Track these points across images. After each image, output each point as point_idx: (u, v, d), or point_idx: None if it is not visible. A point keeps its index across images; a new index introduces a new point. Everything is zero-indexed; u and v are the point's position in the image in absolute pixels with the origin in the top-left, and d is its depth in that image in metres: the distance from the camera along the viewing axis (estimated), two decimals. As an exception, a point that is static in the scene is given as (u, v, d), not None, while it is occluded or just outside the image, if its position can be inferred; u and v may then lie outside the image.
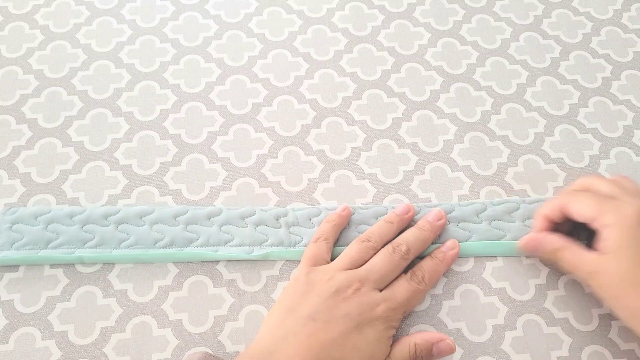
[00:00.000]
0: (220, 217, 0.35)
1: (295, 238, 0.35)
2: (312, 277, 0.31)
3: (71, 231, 0.34)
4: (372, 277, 0.31)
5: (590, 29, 0.46)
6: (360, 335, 0.28)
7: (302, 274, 0.31)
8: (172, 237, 0.34)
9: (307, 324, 0.28)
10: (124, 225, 0.35)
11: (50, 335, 0.33)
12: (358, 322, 0.28)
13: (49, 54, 0.43)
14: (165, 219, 0.35)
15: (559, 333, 0.33)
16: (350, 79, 0.43)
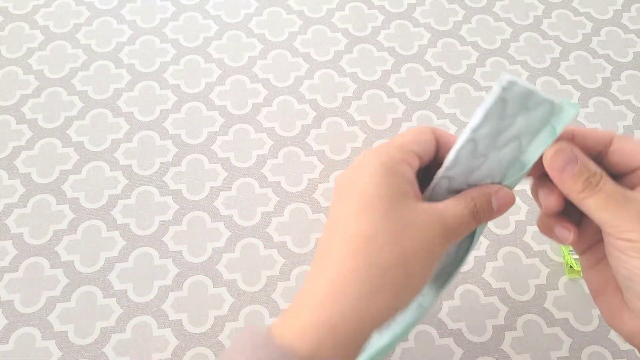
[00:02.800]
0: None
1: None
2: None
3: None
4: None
5: (590, 29, 0.46)
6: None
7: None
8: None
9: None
10: None
11: (50, 335, 0.32)
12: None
13: (49, 55, 0.43)
14: None
15: (559, 333, 0.33)
16: (350, 79, 0.43)
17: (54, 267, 0.35)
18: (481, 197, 0.23)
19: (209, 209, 0.37)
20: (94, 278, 0.34)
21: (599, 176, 0.21)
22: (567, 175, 0.22)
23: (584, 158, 0.22)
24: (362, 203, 0.21)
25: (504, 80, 0.20)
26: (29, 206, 0.37)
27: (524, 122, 0.22)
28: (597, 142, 0.23)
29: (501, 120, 0.21)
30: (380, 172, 0.21)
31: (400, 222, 0.21)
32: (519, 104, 0.21)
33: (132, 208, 0.37)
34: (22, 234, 0.36)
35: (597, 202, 0.21)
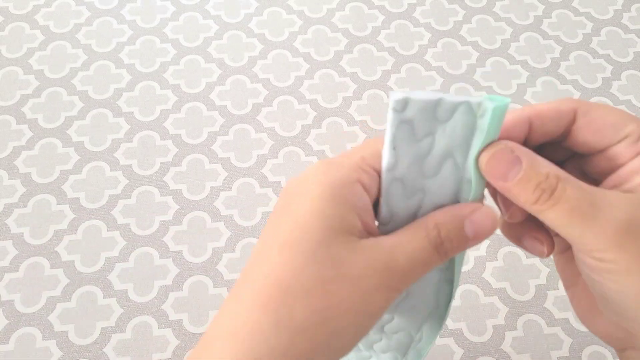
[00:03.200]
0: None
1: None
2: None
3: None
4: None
5: (590, 29, 0.46)
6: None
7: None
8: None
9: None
10: None
11: (50, 335, 0.32)
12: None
13: (50, 54, 0.43)
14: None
15: (559, 333, 0.33)
16: (351, 79, 0.43)
17: (55, 267, 0.35)
18: (449, 222, 0.17)
19: (209, 209, 0.37)
20: (94, 278, 0.34)
21: (553, 180, 0.16)
22: (512, 184, 0.17)
23: (530, 157, 0.17)
24: (290, 235, 0.17)
25: (392, 101, 0.17)
26: (29, 206, 0.37)
27: (445, 136, 0.17)
28: (558, 123, 0.18)
29: (416, 145, 0.17)
30: (322, 197, 0.17)
31: (330, 265, 0.16)
32: (427, 120, 0.17)
33: (133, 208, 0.37)
34: (23, 234, 0.36)
35: (557, 216, 0.16)
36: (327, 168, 0.18)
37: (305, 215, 0.17)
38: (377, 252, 0.17)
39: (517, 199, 0.17)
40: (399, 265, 0.17)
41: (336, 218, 0.16)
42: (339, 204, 0.17)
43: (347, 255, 0.16)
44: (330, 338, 0.16)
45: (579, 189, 0.16)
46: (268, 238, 0.17)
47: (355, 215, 0.17)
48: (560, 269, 0.21)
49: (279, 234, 0.17)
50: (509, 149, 0.17)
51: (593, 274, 0.17)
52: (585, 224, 0.16)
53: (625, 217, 0.16)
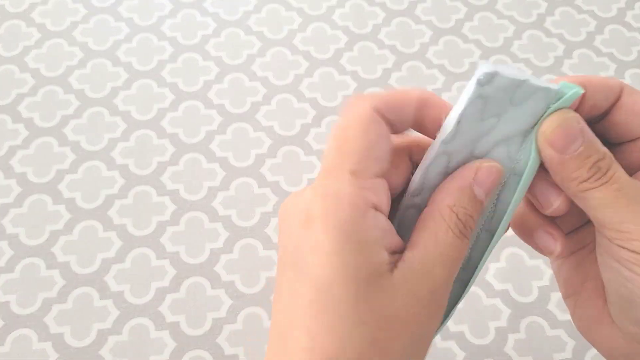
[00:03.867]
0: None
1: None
2: None
3: None
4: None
5: (594, 27, 0.46)
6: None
7: None
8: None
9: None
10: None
11: (46, 337, 0.32)
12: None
13: (46, 52, 0.43)
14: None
15: (563, 335, 0.33)
16: (351, 77, 0.43)
17: (50, 268, 0.34)
18: (460, 198, 0.16)
19: (207, 209, 0.37)
20: (90, 279, 0.34)
21: (609, 160, 0.16)
22: (570, 157, 0.15)
23: (592, 135, 0.16)
24: (318, 301, 0.15)
25: (480, 73, 0.16)
26: (25, 206, 0.37)
27: (510, 121, 0.16)
28: (607, 96, 0.16)
29: (480, 123, 0.16)
30: (337, 251, 0.15)
31: (375, 324, 0.14)
32: (503, 100, 0.16)
33: (129, 208, 0.37)
34: (18, 235, 0.36)
35: (604, 196, 0.15)
36: (326, 207, 0.15)
37: (326, 275, 0.15)
38: (413, 280, 0.15)
39: (568, 173, 0.16)
40: (438, 278, 0.15)
41: (362, 268, 0.15)
42: (358, 252, 0.15)
43: (387, 300, 0.15)
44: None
45: (626, 174, 0.16)
46: (289, 307, 0.15)
47: (379, 249, 0.15)
48: (563, 275, 0.19)
49: (303, 302, 0.15)
50: (576, 120, 0.16)
51: (623, 268, 0.15)
52: (630, 209, 0.15)
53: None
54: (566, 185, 0.16)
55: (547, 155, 0.16)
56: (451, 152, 0.17)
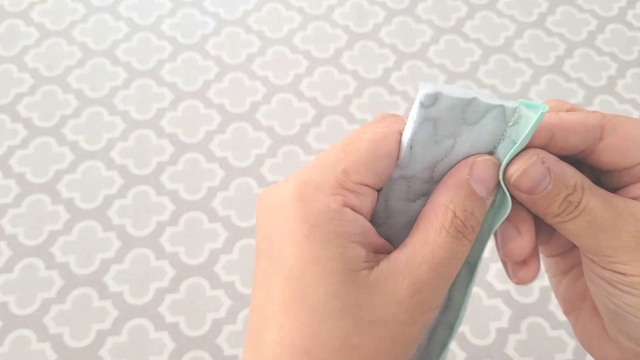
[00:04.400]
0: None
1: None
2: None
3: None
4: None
5: (595, 27, 0.46)
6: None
7: None
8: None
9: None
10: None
11: (45, 337, 0.32)
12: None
13: (45, 52, 0.43)
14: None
15: (563, 336, 0.33)
16: (351, 76, 0.43)
17: (49, 268, 0.34)
18: (457, 194, 0.15)
19: (206, 210, 0.37)
20: (89, 280, 0.34)
21: (579, 192, 0.15)
22: (539, 197, 0.15)
23: (558, 168, 0.15)
24: (290, 292, 0.14)
25: (422, 95, 0.15)
26: (24, 206, 0.36)
27: (467, 141, 0.16)
28: (583, 138, 0.16)
29: (434, 146, 0.15)
30: (310, 240, 0.14)
31: (347, 316, 0.14)
32: (454, 120, 0.15)
33: (128, 208, 0.37)
34: (17, 235, 0.35)
35: (578, 228, 0.15)
36: (303, 195, 0.14)
37: (298, 265, 0.14)
38: (394, 279, 0.14)
39: (541, 211, 0.16)
40: (425, 280, 0.14)
41: (335, 260, 0.14)
42: (331, 243, 0.14)
43: (362, 297, 0.14)
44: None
45: (601, 199, 0.16)
46: (262, 298, 0.15)
47: (355, 244, 0.14)
48: (562, 292, 0.19)
49: (274, 292, 0.14)
50: (540, 160, 0.15)
51: (611, 289, 0.16)
52: (605, 235, 0.15)
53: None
54: (541, 217, 0.16)
55: (517, 196, 0.16)
56: (409, 176, 0.16)
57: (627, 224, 0.15)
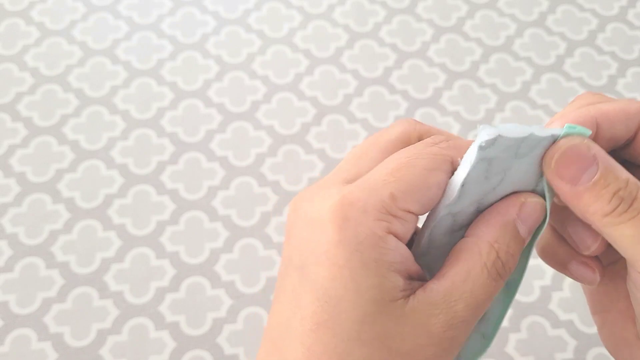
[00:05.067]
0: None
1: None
2: None
3: None
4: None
5: (595, 26, 0.46)
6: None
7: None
8: None
9: None
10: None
11: (46, 337, 0.32)
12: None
13: (45, 51, 0.43)
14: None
15: (564, 335, 0.33)
16: (352, 75, 0.43)
17: (50, 267, 0.34)
18: (503, 235, 0.14)
19: (206, 209, 0.37)
20: (90, 279, 0.34)
21: (634, 188, 0.13)
22: (584, 188, 0.14)
23: (608, 161, 0.14)
24: (321, 314, 0.14)
25: (482, 140, 0.14)
26: (24, 205, 0.36)
27: (516, 173, 0.15)
28: (627, 126, 0.14)
29: (485, 181, 0.15)
30: (350, 266, 0.14)
31: (378, 346, 0.13)
32: (507, 157, 0.15)
33: (129, 207, 0.37)
34: (17, 234, 0.36)
35: (634, 233, 0.13)
36: (347, 217, 0.14)
37: (335, 289, 0.14)
38: (429, 311, 0.14)
39: (586, 207, 0.14)
40: (459, 316, 0.14)
41: (374, 289, 0.14)
42: (372, 271, 0.14)
43: (395, 328, 0.14)
44: None
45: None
46: (289, 312, 0.14)
47: (394, 273, 0.14)
48: (591, 291, 0.18)
49: (305, 311, 0.14)
50: (586, 145, 0.14)
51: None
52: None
53: None
54: (589, 220, 0.14)
55: (558, 188, 0.14)
56: (456, 212, 0.16)
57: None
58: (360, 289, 0.13)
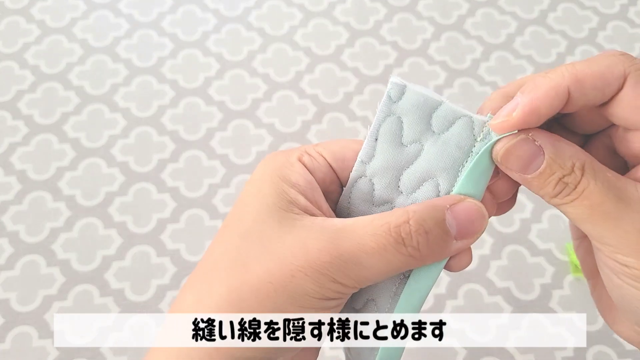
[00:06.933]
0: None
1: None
2: None
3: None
4: None
5: (596, 24, 0.46)
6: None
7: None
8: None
9: None
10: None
11: (47, 334, 0.32)
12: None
13: (46, 49, 0.43)
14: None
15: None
16: (352, 73, 0.42)
17: (51, 265, 0.34)
18: (423, 210, 0.15)
19: (207, 207, 0.37)
20: (90, 277, 0.34)
21: (578, 173, 0.14)
22: (532, 177, 0.15)
23: (553, 147, 0.15)
24: (230, 218, 0.16)
25: (389, 84, 0.15)
26: (25, 203, 0.36)
27: (434, 151, 0.15)
28: (603, 92, 0.15)
29: (400, 148, 0.16)
30: (261, 179, 0.16)
31: (257, 242, 0.15)
32: (419, 122, 0.15)
33: (129, 205, 0.37)
34: (18, 232, 0.36)
35: (577, 212, 0.14)
36: (273, 155, 0.17)
37: (244, 198, 0.16)
38: (315, 232, 0.15)
39: (536, 190, 0.15)
40: (340, 251, 0.14)
41: (272, 195, 0.16)
42: (275, 182, 0.16)
43: (278, 232, 0.15)
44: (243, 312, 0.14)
45: (604, 182, 0.14)
46: (219, 229, 0.17)
47: (298, 193, 0.16)
48: (581, 256, 0.18)
49: (225, 221, 0.17)
50: (530, 139, 0.15)
51: (613, 276, 0.15)
52: (607, 224, 0.14)
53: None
54: (542, 198, 0.16)
55: (511, 175, 0.15)
56: (373, 174, 0.16)
57: (632, 213, 0.14)
58: (262, 195, 0.16)
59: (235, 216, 0.16)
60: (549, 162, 0.15)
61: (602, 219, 0.14)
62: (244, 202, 0.16)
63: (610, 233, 0.14)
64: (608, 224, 0.14)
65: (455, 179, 0.16)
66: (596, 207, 0.14)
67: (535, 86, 0.15)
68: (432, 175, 0.16)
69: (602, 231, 0.14)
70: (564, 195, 0.15)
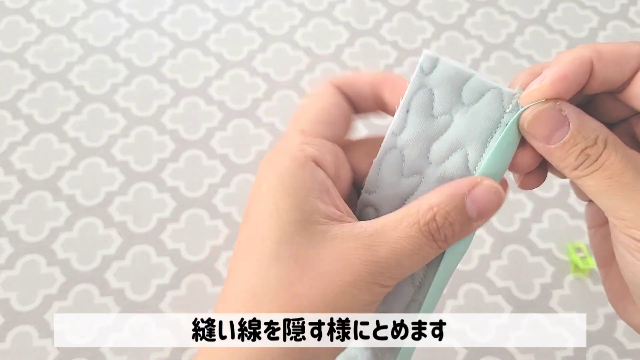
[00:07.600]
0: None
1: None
2: None
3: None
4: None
5: (596, 24, 0.46)
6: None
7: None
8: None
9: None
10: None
11: (47, 333, 0.32)
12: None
13: (46, 49, 0.43)
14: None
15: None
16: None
17: (51, 264, 0.34)
18: (446, 202, 0.15)
19: (207, 206, 0.37)
20: (91, 276, 0.34)
21: (600, 145, 0.15)
22: (555, 147, 0.15)
23: (579, 119, 0.15)
24: (252, 240, 0.15)
25: (422, 57, 0.16)
26: (25, 203, 0.37)
27: (463, 123, 0.16)
28: (622, 68, 0.15)
29: (430, 120, 0.16)
30: (271, 193, 0.15)
31: (293, 265, 0.14)
32: (450, 95, 0.16)
33: (129, 205, 0.37)
34: (18, 231, 0.36)
35: (596, 184, 0.15)
36: (271, 159, 0.16)
37: (260, 216, 0.15)
38: (350, 242, 0.15)
39: (558, 162, 0.15)
40: (380, 257, 0.15)
41: (292, 210, 0.15)
42: (290, 194, 0.15)
43: (312, 249, 0.14)
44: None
45: (624, 155, 0.15)
46: (236, 251, 0.16)
47: (316, 199, 0.15)
48: (595, 245, 0.19)
49: (243, 242, 0.16)
50: (557, 108, 0.15)
51: (626, 253, 0.15)
52: (625, 194, 0.14)
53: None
54: (560, 170, 0.16)
55: (534, 145, 0.16)
56: (403, 146, 0.17)
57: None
58: (280, 212, 0.15)
59: (257, 235, 0.15)
60: (573, 132, 0.15)
61: (621, 189, 0.14)
62: (262, 220, 0.15)
63: (627, 204, 0.14)
64: (626, 194, 0.14)
65: (484, 149, 0.16)
66: (615, 176, 0.14)
67: (561, 57, 0.15)
68: (461, 145, 0.16)
69: (619, 202, 0.15)
70: (584, 166, 0.15)
